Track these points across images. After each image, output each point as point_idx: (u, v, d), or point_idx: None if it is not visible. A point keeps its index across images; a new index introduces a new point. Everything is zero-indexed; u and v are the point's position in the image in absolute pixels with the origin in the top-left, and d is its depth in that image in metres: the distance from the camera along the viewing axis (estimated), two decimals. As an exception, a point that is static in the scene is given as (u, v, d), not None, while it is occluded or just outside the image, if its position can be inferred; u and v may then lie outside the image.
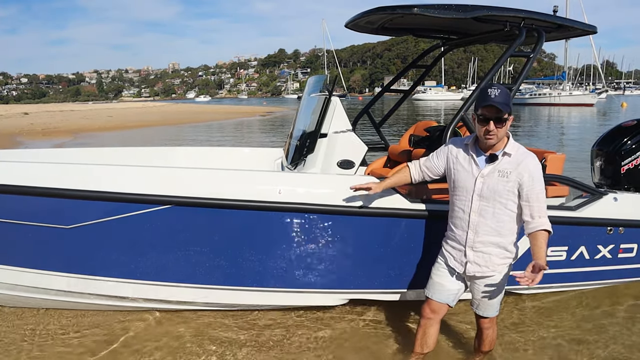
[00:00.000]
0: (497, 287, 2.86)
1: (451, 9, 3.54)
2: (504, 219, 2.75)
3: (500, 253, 2.80)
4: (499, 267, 2.82)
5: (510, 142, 2.72)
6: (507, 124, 2.64)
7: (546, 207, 2.71)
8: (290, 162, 4.10)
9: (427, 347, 3.06)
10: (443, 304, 2.99)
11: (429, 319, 3.03)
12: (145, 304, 3.61)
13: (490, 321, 3.01)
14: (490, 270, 2.82)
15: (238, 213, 3.24)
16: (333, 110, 3.77)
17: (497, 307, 2.95)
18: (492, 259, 2.80)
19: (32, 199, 3.15)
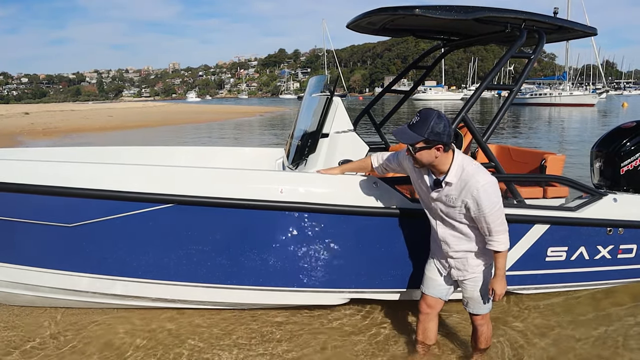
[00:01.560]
0: (483, 285, 2.92)
1: (452, 10, 3.55)
2: (467, 230, 2.82)
3: (474, 255, 2.88)
4: (478, 267, 2.90)
5: (452, 167, 2.69)
6: (427, 151, 2.63)
7: (502, 223, 2.71)
8: (292, 161, 4.11)
9: (429, 341, 3.16)
10: (437, 299, 3.08)
11: (426, 314, 3.12)
12: (147, 303, 3.62)
13: (482, 318, 3.04)
14: (470, 272, 2.91)
15: (239, 212, 3.25)
16: (334, 111, 3.78)
17: (486, 304, 2.97)
18: (470, 262, 2.89)
19: (34, 197, 3.16)
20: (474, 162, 2.74)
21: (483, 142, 3.70)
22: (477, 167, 2.70)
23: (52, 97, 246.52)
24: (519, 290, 3.93)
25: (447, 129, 2.59)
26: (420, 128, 2.58)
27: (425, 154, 2.64)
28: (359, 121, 5.21)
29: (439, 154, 2.64)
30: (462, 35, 4.66)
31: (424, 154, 2.64)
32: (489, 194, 2.63)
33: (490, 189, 2.64)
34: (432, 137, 2.57)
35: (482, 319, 3.05)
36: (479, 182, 2.62)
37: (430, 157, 2.65)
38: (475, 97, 3.75)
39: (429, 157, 2.65)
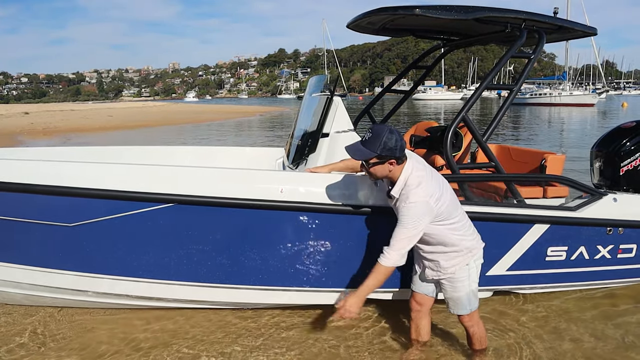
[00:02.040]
0: (459, 285, 2.94)
1: (452, 10, 3.55)
2: (429, 234, 2.84)
3: (446, 256, 2.91)
4: (451, 268, 2.92)
5: (398, 181, 2.76)
6: (380, 166, 2.71)
7: (402, 241, 2.73)
8: (292, 161, 4.11)
9: (421, 338, 3.20)
10: (425, 296, 3.13)
11: (417, 312, 3.17)
12: (147, 302, 3.62)
13: (469, 319, 3.05)
14: (444, 273, 2.95)
15: (240, 212, 3.25)
16: (335, 110, 3.78)
17: (466, 304, 2.98)
18: (442, 264, 2.93)
19: (35, 197, 3.16)
20: (419, 177, 2.74)
21: (483, 141, 3.70)
22: (417, 185, 2.72)
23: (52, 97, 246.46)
24: (518, 290, 3.94)
25: (398, 143, 2.66)
26: (372, 144, 2.65)
27: (378, 168, 2.74)
28: (359, 121, 5.22)
29: (392, 167, 2.73)
30: (462, 35, 4.67)
31: (377, 168, 2.74)
32: (410, 211, 2.68)
33: (415, 209, 2.68)
34: (384, 153, 2.65)
35: (468, 320, 3.05)
36: (409, 199, 2.70)
37: (383, 171, 2.75)
38: (475, 97, 3.75)
39: (382, 171, 2.75)
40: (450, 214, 2.80)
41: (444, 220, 2.78)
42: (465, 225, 2.91)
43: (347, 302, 2.79)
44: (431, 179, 2.76)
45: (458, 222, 2.85)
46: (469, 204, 3.51)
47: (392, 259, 2.74)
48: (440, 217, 2.76)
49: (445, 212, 2.77)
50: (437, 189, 2.75)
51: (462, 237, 2.87)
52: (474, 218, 3.42)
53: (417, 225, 2.70)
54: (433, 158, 4.20)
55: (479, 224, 3.44)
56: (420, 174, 2.75)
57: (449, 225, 2.81)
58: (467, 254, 2.90)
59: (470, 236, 2.91)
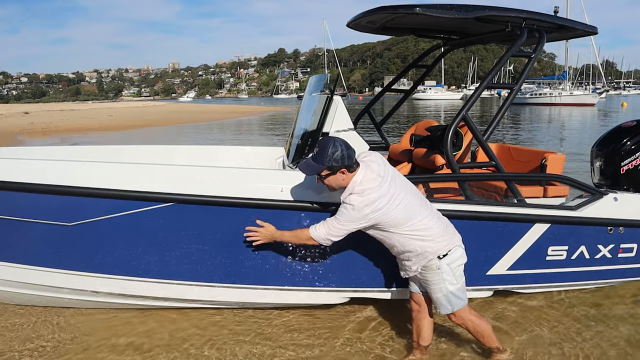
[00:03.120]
0: (434, 287, 2.97)
1: (453, 9, 3.55)
2: (379, 237, 2.99)
3: (406, 257, 2.98)
4: (413, 266, 2.97)
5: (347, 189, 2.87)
6: (333, 177, 2.85)
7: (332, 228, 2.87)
8: (292, 160, 4.10)
9: (423, 340, 3.17)
10: (420, 295, 3.15)
11: (417, 312, 3.19)
12: (146, 302, 3.61)
13: (456, 318, 3.06)
14: (410, 271, 3.03)
15: (240, 211, 3.25)
16: (335, 110, 3.77)
17: (446, 304, 2.99)
18: (405, 263, 3.03)
19: (34, 196, 3.16)
20: (365, 186, 2.81)
21: (483, 141, 3.70)
22: (359, 192, 2.81)
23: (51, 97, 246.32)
24: (519, 289, 3.93)
25: (344, 152, 2.80)
26: (321, 158, 2.82)
27: (332, 179, 2.87)
28: (359, 120, 5.21)
29: (345, 176, 2.85)
30: (463, 34, 4.66)
31: (331, 179, 2.87)
32: (344, 210, 2.84)
33: (348, 212, 2.82)
34: (333, 163, 2.79)
35: (455, 319, 3.07)
36: (347, 199, 2.84)
37: (337, 181, 2.87)
38: (475, 96, 3.74)
39: (336, 181, 2.87)
40: (399, 224, 2.85)
41: (390, 227, 2.86)
42: (429, 229, 2.89)
43: (266, 227, 3.08)
44: (380, 188, 2.80)
45: (414, 227, 2.86)
46: (469, 203, 3.50)
47: (320, 233, 2.91)
48: (384, 224, 2.85)
49: (391, 222, 2.84)
50: (385, 198, 2.79)
51: (421, 239, 2.88)
52: (474, 217, 3.42)
53: (348, 224, 2.85)
54: (433, 157, 4.19)
55: (479, 223, 3.44)
56: (368, 185, 2.81)
57: (399, 230, 2.87)
58: (427, 256, 2.90)
59: (432, 240, 2.90)
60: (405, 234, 2.88)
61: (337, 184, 2.88)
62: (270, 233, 3.09)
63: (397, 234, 2.88)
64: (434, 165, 4.13)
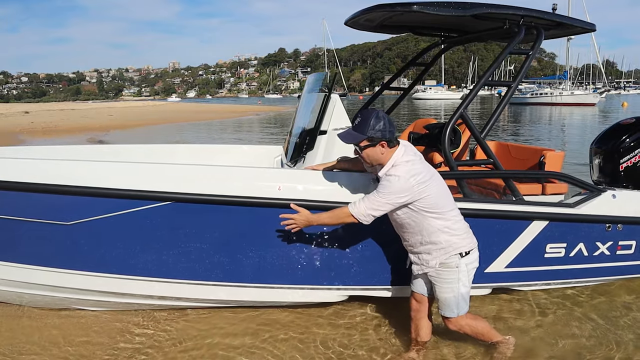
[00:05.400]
0: (446, 286, 2.91)
1: (450, 7, 3.54)
2: (408, 221, 2.88)
3: (427, 249, 2.91)
4: (432, 261, 2.91)
5: (388, 163, 2.81)
6: (371, 149, 2.79)
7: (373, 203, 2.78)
8: (290, 159, 4.11)
9: (420, 338, 3.17)
10: (421, 295, 3.11)
11: (416, 311, 3.16)
12: (145, 301, 3.61)
13: (454, 324, 3.00)
14: (427, 267, 2.95)
15: (238, 209, 3.25)
16: (333, 108, 3.78)
17: (454, 307, 2.94)
18: (424, 257, 2.95)
19: (32, 195, 3.16)
20: (406, 160, 2.78)
21: (481, 138, 3.70)
22: (402, 164, 2.77)
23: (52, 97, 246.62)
24: (517, 286, 3.93)
25: (387, 126, 2.76)
26: (362, 128, 2.76)
27: (370, 151, 2.80)
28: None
29: (384, 150, 2.79)
30: (461, 31, 4.65)
31: (369, 151, 2.80)
32: (388, 183, 2.74)
33: (394, 183, 2.72)
34: (374, 135, 2.74)
35: (452, 325, 3.01)
36: (391, 172, 2.76)
37: (376, 154, 2.81)
38: (473, 93, 3.74)
39: (374, 155, 2.81)
40: (436, 204, 2.80)
41: (427, 208, 2.79)
42: (456, 223, 2.89)
43: (301, 212, 2.96)
44: (420, 163, 2.80)
45: (445, 216, 2.84)
46: (467, 201, 3.50)
47: (360, 209, 2.79)
48: (422, 203, 2.77)
49: (429, 199, 2.77)
50: (424, 173, 2.77)
51: (448, 232, 2.85)
52: (472, 215, 3.42)
53: (391, 198, 2.74)
54: (431, 155, 4.20)
55: (477, 221, 3.44)
56: (409, 158, 2.80)
57: (432, 215, 2.81)
58: (448, 251, 2.86)
59: (458, 235, 2.88)
60: (436, 220, 2.81)
61: (374, 158, 2.81)
62: (305, 218, 2.98)
63: (429, 218, 2.80)
64: (432, 163, 4.13)
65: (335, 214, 2.91)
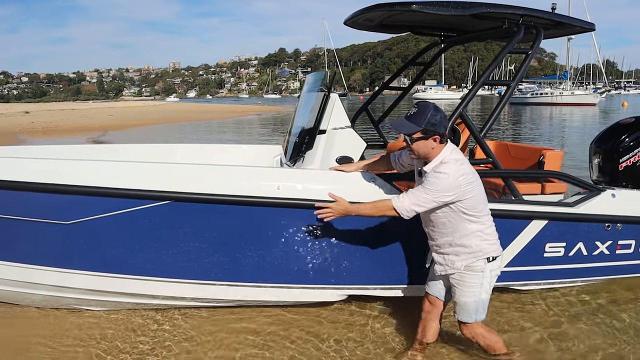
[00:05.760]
0: (469, 290, 2.85)
1: (449, 6, 3.54)
2: (443, 221, 2.83)
3: (456, 251, 2.85)
4: (458, 263, 2.85)
5: (436, 159, 2.76)
6: (423, 141, 2.72)
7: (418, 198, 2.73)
8: (289, 158, 4.10)
9: (426, 340, 3.13)
10: (436, 298, 3.07)
11: (427, 313, 3.10)
12: (143, 300, 3.61)
13: (469, 330, 2.95)
14: (451, 268, 2.89)
15: (236, 209, 3.25)
16: (332, 107, 3.77)
17: (472, 312, 2.88)
18: (450, 258, 2.88)
19: (31, 194, 3.16)
20: (456, 158, 2.75)
21: (480, 137, 3.69)
22: (452, 162, 2.72)
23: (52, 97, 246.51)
24: (517, 286, 3.93)
25: (443, 121, 2.71)
26: (417, 119, 2.69)
27: (421, 144, 2.73)
28: (357, 118, 5.21)
29: (435, 144, 2.72)
30: (460, 31, 4.65)
31: (420, 144, 2.73)
32: (437, 180, 2.69)
33: (443, 180, 2.68)
34: (428, 128, 2.67)
35: (467, 331, 2.95)
36: (440, 169, 2.71)
37: (426, 148, 2.73)
38: (472, 92, 3.74)
39: (425, 148, 2.74)
40: (475, 207, 2.77)
41: (466, 210, 2.75)
42: (489, 228, 2.85)
43: (339, 201, 2.93)
44: (467, 164, 2.78)
45: (480, 220, 2.80)
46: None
47: (404, 204, 2.74)
48: (464, 204, 2.73)
49: (471, 201, 2.74)
50: (471, 174, 2.75)
51: (480, 237, 2.81)
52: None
53: (438, 195, 2.68)
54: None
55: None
56: (458, 157, 2.77)
57: (469, 216, 2.77)
58: (477, 255, 2.81)
59: (489, 240, 2.84)
60: (471, 223, 2.78)
61: (424, 152, 2.74)
62: (344, 207, 2.94)
63: (465, 220, 2.77)
64: (432, 162, 4.12)
65: (377, 205, 2.86)
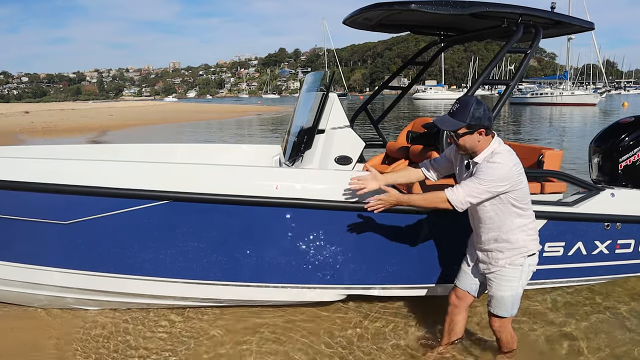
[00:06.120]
0: (506, 284, 2.86)
1: (448, 5, 3.53)
2: (491, 215, 2.83)
3: (501, 247, 2.85)
4: (502, 261, 2.85)
5: (486, 150, 2.76)
6: (469, 136, 2.72)
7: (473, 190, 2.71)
8: (288, 158, 4.10)
9: (454, 335, 3.13)
10: (465, 292, 3.08)
11: (455, 307, 3.12)
12: (142, 300, 3.60)
13: (500, 324, 2.96)
14: (494, 266, 2.89)
15: (235, 209, 3.24)
16: (330, 106, 3.77)
17: (509, 306, 2.89)
18: (494, 255, 2.88)
19: (30, 194, 3.16)
20: (509, 149, 2.77)
21: None
22: (503, 152, 2.74)
23: (52, 97, 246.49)
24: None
25: (487, 113, 2.71)
26: (461, 114, 2.70)
27: (468, 139, 2.73)
28: (357, 118, 5.21)
29: (481, 138, 2.73)
30: (459, 30, 4.65)
31: (467, 139, 2.73)
32: (490, 170, 2.68)
33: (497, 170, 2.67)
34: (473, 122, 2.68)
35: (499, 324, 2.96)
36: (493, 159, 2.70)
37: (473, 142, 2.74)
38: (471, 92, 3.73)
39: (471, 142, 2.74)
40: (524, 198, 2.80)
41: (516, 201, 2.76)
42: (532, 222, 2.88)
43: (390, 193, 2.91)
44: (516, 155, 2.79)
45: (526, 213, 2.83)
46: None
47: (458, 195, 2.72)
48: (515, 194, 2.74)
49: (521, 192, 2.76)
50: (520, 164, 2.77)
51: (525, 231, 2.84)
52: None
53: (493, 185, 2.68)
54: (430, 154, 4.18)
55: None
56: (507, 147, 2.79)
57: (517, 208, 2.79)
58: (521, 251, 2.83)
59: (531, 235, 2.87)
60: (517, 217, 2.80)
61: (471, 146, 2.74)
62: (395, 198, 2.91)
63: (513, 213, 2.78)
64: (431, 162, 4.12)
65: (430, 197, 2.84)
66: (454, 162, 3.02)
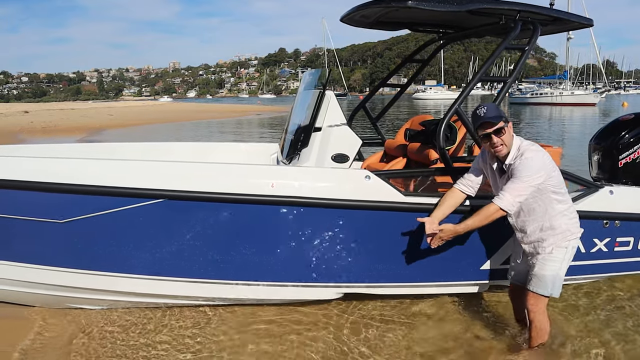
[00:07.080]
0: (550, 264, 2.99)
1: (446, 2, 3.51)
2: (534, 207, 2.98)
3: (546, 235, 2.99)
4: (549, 247, 2.99)
5: (512, 149, 2.92)
6: (507, 131, 2.90)
7: (519, 190, 2.84)
8: (286, 156, 4.09)
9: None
10: (522, 286, 3.21)
11: (515, 299, 3.37)
12: (138, 299, 3.59)
13: (534, 301, 3.02)
14: (541, 253, 3.03)
15: (231, 207, 3.23)
16: (327, 104, 3.75)
17: (549, 285, 2.98)
18: (541, 243, 3.02)
19: (25, 193, 3.14)
20: (531, 142, 2.96)
21: (477, 135, 3.66)
22: (530, 147, 2.91)
23: (52, 96, 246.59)
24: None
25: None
26: (494, 113, 2.88)
27: (507, 134, 2.90)
28: (355, 116, 5.19)
29: (512, 132, 2.93)
30: (457, 27, 4.63)
31: (506, 133, 2.89)
32: (526, 165, 2.83)
33: (532, 162, 2.83)
34: (504, 118, 2.89)
35: (534, 301, 3.02)
36: (525, 155, 2.86)
37: (509, 135, 2.91)
38: (469, 88, 3.72)
39: (509, 136, 2.90)
40: (560, 183, 2.98)
41: (555, 188, 2.93)
42: (571, 206, 3.06)
43: (444, 229, 3.00)
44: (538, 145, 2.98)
45: (564, 197, 3.01)
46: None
47: (507, 200, 2.84)
48: (551, 182, 2.90)
49: (556, 178, 2.93)
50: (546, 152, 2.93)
51: (567, 215, 3.00)
52: (468, 212, 3.39)
53: (532, 179, 2.82)
54: (427, 152, 4.17)
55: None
56: (526, 141, 2.96)
57: (557, 194, 2.95)
58: (565, 235, 2.98)
59: (572, 219, 3.04)
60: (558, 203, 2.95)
61: (509, 140, 2.90)
62: (452, 230, 3.01)
63: (554, 200, 2.94)
64: (428, 159, 4.11)
65: (483, 214, 2.92)
66: (485, 172, 3.16)
